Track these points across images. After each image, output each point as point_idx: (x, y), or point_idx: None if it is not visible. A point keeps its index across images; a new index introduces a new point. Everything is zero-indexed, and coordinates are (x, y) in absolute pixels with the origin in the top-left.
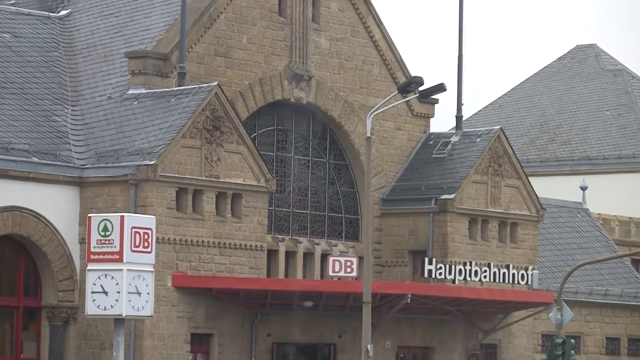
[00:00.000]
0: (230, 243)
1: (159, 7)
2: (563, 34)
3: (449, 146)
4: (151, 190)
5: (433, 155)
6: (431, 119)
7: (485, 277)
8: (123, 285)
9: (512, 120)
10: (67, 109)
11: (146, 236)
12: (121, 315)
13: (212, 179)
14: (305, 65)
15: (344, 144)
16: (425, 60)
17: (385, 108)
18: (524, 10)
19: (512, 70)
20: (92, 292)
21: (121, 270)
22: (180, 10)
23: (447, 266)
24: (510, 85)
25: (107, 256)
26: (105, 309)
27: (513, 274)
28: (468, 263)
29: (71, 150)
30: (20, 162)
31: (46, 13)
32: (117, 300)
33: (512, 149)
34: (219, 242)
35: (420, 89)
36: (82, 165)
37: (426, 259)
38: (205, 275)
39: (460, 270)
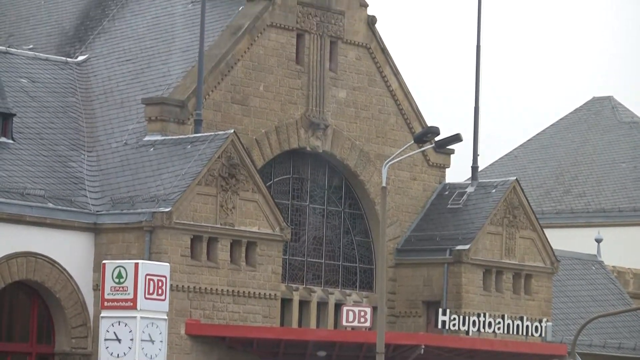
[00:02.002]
0: (244, 291)
1: (177, 54)
2: (580, 86)
3: (465, 197)
4: (166, 238)
5: (448, 206)
6: (447, 169)
7: (499, 328)
8: (136, 333)
9: (528, 171)
10: (83, 154)
11: (160, 283)
12: None
13: (227, 227)
14: (321, 114)
15: (360, 193)
16: (442, 110)
17: (401, 158)
18: (541, 61)
19: (528, 122)
20: (106, 340)
21: (135, 317)
22: (198, 57)
23: (461, 317)
24: (526, 136)
25: (120, 303)
26: (118, 357)
27: (527, 326)
28: (482, 314)
29: (87, 197)
30: (35, 207)
31: (64, 58)
32: (130, 348)
33: (527, 200)
34: (233, 291)
35: (437, 139)
36: (97, 211)
37: (440, 310)
38: (218, 324)
39: (474, 321)
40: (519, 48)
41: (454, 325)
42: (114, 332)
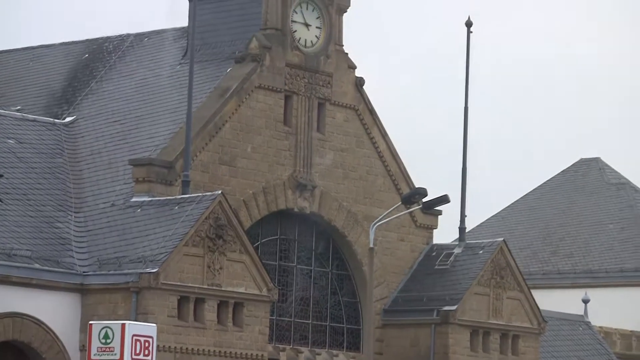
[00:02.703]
0: (231, 352)
1: (164, 115)
2: (567, 147)
3: (452, 258)
4: (153, 298)
5: (436, 267)
6: (434, 230)
7: None
8: None
9: (515, 232)
10: (70, 215)
11: (147, 344)
12: None
13: (214, 288)
14: (309, 175)
15: (347, 254)
16: (429, 172)
17: (389, 219)
18: (529, 122)
19: (515, 183)
20: None
21: None
22: (186, 118)
23: None
24: (513, 197)
25: None
26: None
27: None
28: None
29: (73, 257)
30: (22, 268)
31: (51, 119)
32: None
33: (514, 261)
34: (219, 351)
35: (424, 200)
36: (84, 272)
37: None
38: None
39: None
40: (506, 109)
41: None
42: None
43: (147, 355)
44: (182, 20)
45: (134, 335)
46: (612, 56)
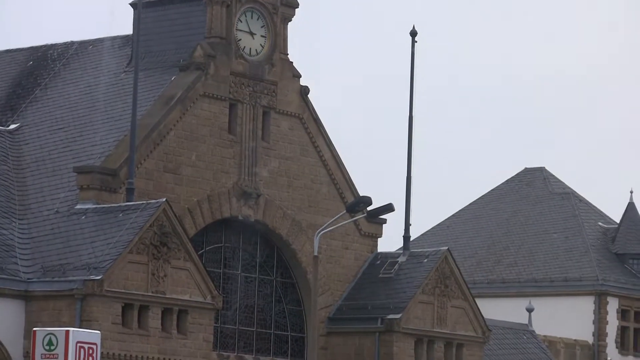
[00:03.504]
0: (175, 359)
1: (109, 122)
2: (512, 157)
3: (396, 266)
4: (97, 305)
5: (380, 275)
6: (379, 239)
7: None
8: None
9: (460, 241)
10: (15, 222)
11: (91, 351)
12: None
13: (158, 295)
14: (254, 183)
15: (291, 262)
16: (374, 180)
17: (333, 227)
18: (474, 131)
19: (460, 192)
20: None
21: None
22: (130, 126)
23: None
24: (458, 206)
25: None
26: None
27: None
28: None
29: (17, 264)
30: None
31: None
32: None
33: (459, 270)
34: (164, 358)
35: (369, 208)
36: (28, 279)
37: None
38: None
39: None
40: (451, 118)
41: None
42: None
43: None
44: (126, 28)
45: (78, 342)
46: (557, 65)
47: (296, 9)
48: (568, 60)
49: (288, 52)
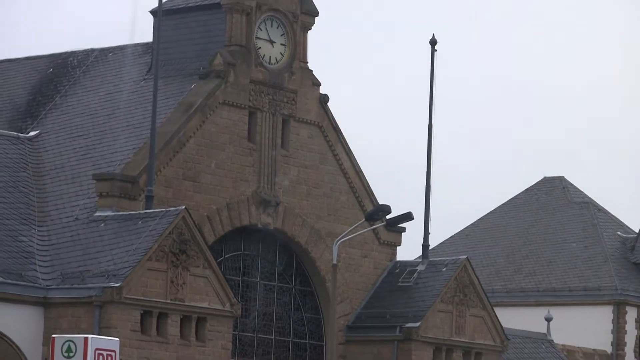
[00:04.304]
0: None
1: (128, 130)
2: (531, 166)
3: (415, 275)
4: (115, 313)
5: (399, 284)
6: (398, 247)
7: None
8: None
9: (479, 250)
10: (34, 229)
11: (110, 358)
12: None
13: (177, 302)
14: (273, 192)
15: (310, 270)
16: (393, 189)
17: (352, 235)
18: (493, 140)
19: (479, 200)
20: None
21: None
22: (150, 133)
23: None
24: (477, 215)
25: None
26: None
27: None
28: None
29: (37, 271)
30: None
31: (15, 133)
32: None
33: (477, 279)
34: None
35: (388, 217)
36: (47, 285)
37: None
38: None
39: None
40: (470, 127)
41: None
42: None
43: None
44: (146, 35)
45: (96, 349)
46: (577, 75)
47: (316, 17)
48: (590, 71)
49: (308, 61)
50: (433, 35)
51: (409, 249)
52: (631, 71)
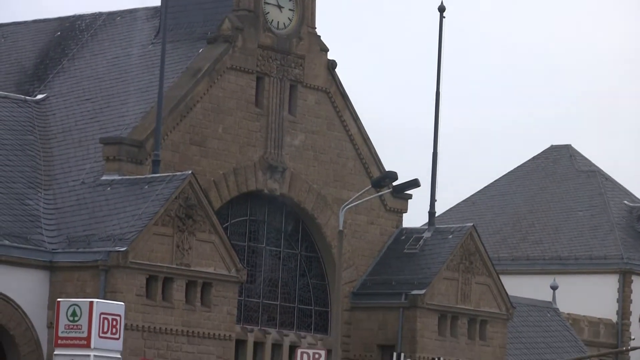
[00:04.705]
0: (198, 332)
1: (135, 94)
2: (538, 134)
3: (421, 242)
4: (121, 277)
5: (405, 251)
6: (404, 214)
7: None
8: None
9: (485, 218)
10: (40, 193)
11: (114, 322)
12: None
13: (182, 267)
14: (279, 157)
15: (316, 236)
16: (400, 155)
17: (359, 202)
18: (500, 108)
19: (486, 168)
20: None
21: (88, 356)
22: (157, 98)
23: None
24: (484, 182)
25: (74, 341)
26: None
27: None
28: (437, 359)
29: (42, 235)
30: None
31: (22, 96)
32: None
33: (483, 246)
34: (187, 331)
35: (394, 184)
36: (53, 249)
37: (395, 354)
38: None
39: None
40: (478, 95)
41: None
42: None
43: (115, 333)
44: None
45: (101, 313)
46: (586, 44)
47: None
48: (597, 38)
49: (316, 26)
50: (442, 2)
51: (415, 216)
52: None
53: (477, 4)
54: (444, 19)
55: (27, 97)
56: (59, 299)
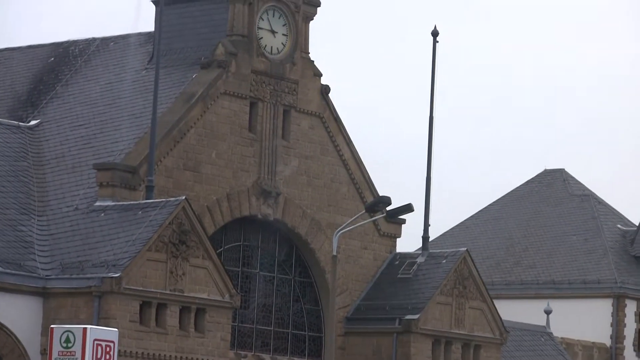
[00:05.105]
0: (192, 358)
1: (129, 120)
2: (532, 158)
3: (415, 267)
4: (115, 303)
5: (398, 276)
6: (398, 239)
7: None
8: None
9: (479, 242)
10: (34, 219)
11: (108, 349)
12: None
13: (176, 293)
14: (273, 182)
15: (310, 261)
16: (394, 181)
17: (352, 227)
18: (494, 132)
19: (479, 193)
20: None
21: None
22: (151, 123)
23: None
24: (477, 207)
25: None
26: None
27: None
28: None
29: (36, 261)
30: None
31: (16, 122)
32: None
33: (477, 271)
34: (181, 357)
35: (388, 209)
36: (46, 275)
37: None
38: None
39: None
40: (471, 119)
41: None
42: None
43: (109, 359)
44: (148, 25)
45: (95, 339)
46: (578, 68)
47: (318, 8)
48: (590, 61)
49: (309, 51)
50: (435, 27)
51: (409, 241)
52: (635, 62)
53: (471, 28)
54: (437, 44)
55: (21, 123)
56: (52, 325)
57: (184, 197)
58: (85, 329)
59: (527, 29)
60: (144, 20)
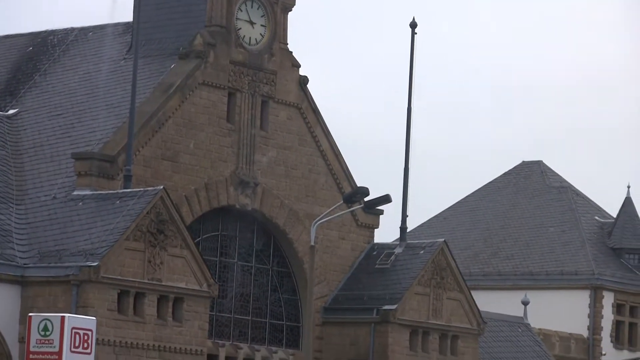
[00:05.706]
0: (170, 347)
1: (107, 109)
2: (510, 150)
3: (393, 257)
4: (93, 292)
5: (376, 266)
6: (375, 230)
7: None
8: None
9: (456, 233)
10: (12, 207)
11: (86, 337)
12: None
13: (154, 282)
14: (251, 172)
15: (288, 251)
16: (371, 171)
17: (330, 217)
18: (472, 124)
19: (458, 184)
20: None
21: None
22: (129, 113)
23: None
24: (455, 198)
25: (46, 356)
26: None
27: None
28: None
29: (14, 249)
30: None
31: None
32: None
33: (455, 262)
34: (159, 346)
35: (366, 199)
36: (24, 264)
37: None
38: None
39: None
40: (449, 111)
41: None
42: None
43: (87, 348)
44: (126, 15)
45: (73, 328)
46: (555, 61)
47: None
48: (568, 54)
49: (288, 42)
50: (413, 19)
51: (386, 232)
52: (611, 58)
53: (449, 21)
54: (415, 35)
55: None
56: (30, 314)
57: (162, 187)
58: (63, 317)
59: (508, 24)
60: (123, 10)
